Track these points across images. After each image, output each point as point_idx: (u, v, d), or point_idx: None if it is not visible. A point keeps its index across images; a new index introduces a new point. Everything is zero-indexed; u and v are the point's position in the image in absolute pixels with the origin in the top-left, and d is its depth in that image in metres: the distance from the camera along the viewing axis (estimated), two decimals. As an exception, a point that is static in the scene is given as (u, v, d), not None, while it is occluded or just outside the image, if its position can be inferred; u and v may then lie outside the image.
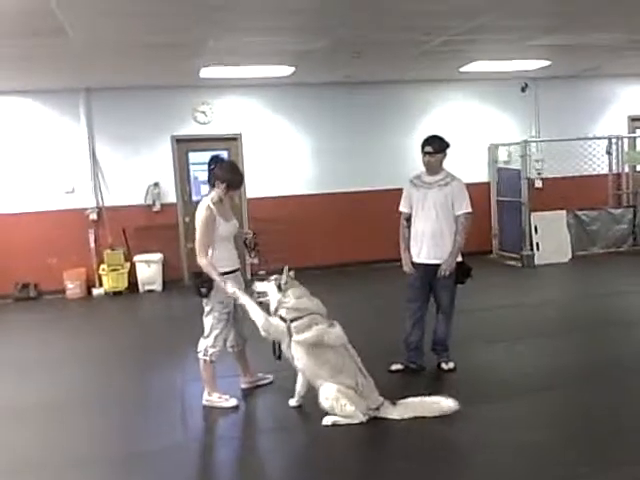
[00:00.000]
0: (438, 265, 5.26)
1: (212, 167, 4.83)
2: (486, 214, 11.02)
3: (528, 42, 7.64)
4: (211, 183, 4.84)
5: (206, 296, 4.72)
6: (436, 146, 5.31)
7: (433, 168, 5.34)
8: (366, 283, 9.49)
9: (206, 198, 4.82)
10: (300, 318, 4.52)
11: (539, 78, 10.77)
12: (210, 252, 4.72)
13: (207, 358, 4.82)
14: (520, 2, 5.72)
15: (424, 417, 4.37)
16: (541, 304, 7.77)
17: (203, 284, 4.69)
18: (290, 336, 4.50)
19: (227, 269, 4.78)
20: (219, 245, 4.76)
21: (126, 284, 9.52)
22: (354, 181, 10.51)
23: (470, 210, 5.30)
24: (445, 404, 4.43)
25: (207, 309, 4.80)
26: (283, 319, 4.54)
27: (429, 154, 5.31)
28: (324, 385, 4.43)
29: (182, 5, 5.31)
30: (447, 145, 5.36)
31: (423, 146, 5.36)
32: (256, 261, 5.19)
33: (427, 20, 6.23)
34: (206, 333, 4.82)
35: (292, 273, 4.76)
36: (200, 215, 4.71)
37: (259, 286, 4.75)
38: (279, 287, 4.63)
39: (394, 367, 5.46)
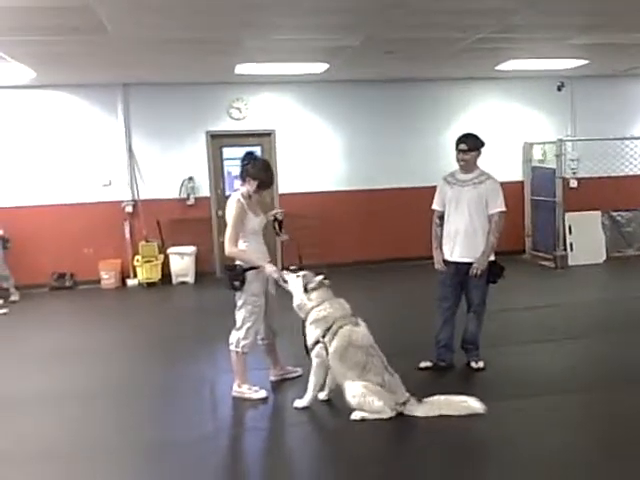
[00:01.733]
0: (470, 264, 5.26)
1: (246, 163, 4.92)
2: (519, 213, 10.92)
3: (566, 41, 7.54)
4: (242, 178, 4.93)
5: (239, 289, 4.80)
6: (470, 144, 5.29)
7: (467, 166, 5.32)
8: (397, 280, 9.49)
9: (236, 193, 4.93)
10: (328, 330, 4.57)
11: (575, 77, 10.62)
12: (241, 245, 4.80)
13: (239, 350, 4.90)
14: (556, 1, 5.66)
15: (449, 416, 4.39)
16: (574, 305, 7.69)
17: (236, 277, 4.77)
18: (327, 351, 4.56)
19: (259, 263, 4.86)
20: (249, 239, 4.86)
21: (159, 275, 9.69)
22: (386, 178, 10.52)
23: (504, 209, 5.28)
24: (473, 404, 4.43)
25: (240, 302, 4.87)
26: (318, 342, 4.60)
27: (463, 152, 5.29)
28: (350, 383, 4.47)
29: (217, 2, 5.38)
30: (482, 143, 5.34)
31: (457, 144, 5.34)
32: (286, 237, 5.22)
33: (462, 18, 6.18)
34: (238, 325, 4.90)
35: (328, 282, 4.82)
36: (231, 208, 4.81)
37: (289, 280, 4.80)
38: (305, 288, 4.69)
39: (423, 364, 5.47)
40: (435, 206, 5.52)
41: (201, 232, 10.06)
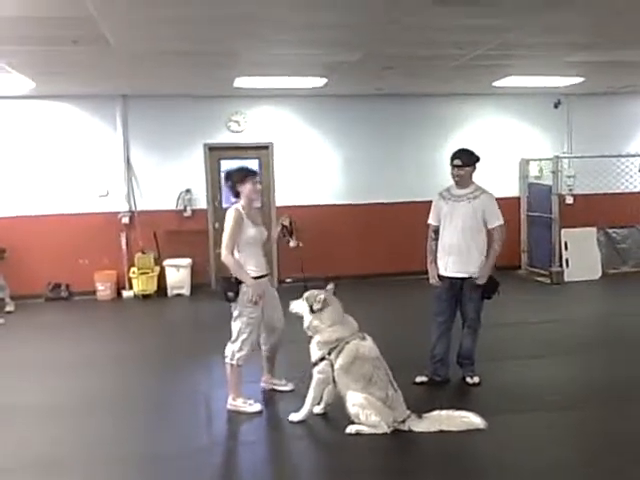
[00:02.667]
0: (464, 279, 5.29)
1: (230, 179, 5.03)
2: (516, 229, 10.93)
3: (562, 58, 7.61)
4: (235, 194, 5.01)
5: (234, 300, 4.80)
6: (465, 159, 5.33)
7: (462, 181, 5.35)
8: (393, 295, 9.49)
9: (236, 204, 4.98)
10: (335, 347, 4.57)
11: (572, 94, 10.70)
12: (237, 255, 4.81)
13: (234, 362, 4.89)
14: (551, 19, 5.71)
15: (450, 431, 4.38)
16: (569, 321, 7.71)
17: (230, 288, 4.77)
18: (332, 367, 4.56)
19: (256, 274, 4.87)
20: (248, 250, 4.87)
21: (155, 287, 9.67)
22: (384, 193, 10.56)
23: (503, 222, 5.34)
24: (474, 419, 4.43)
25: (235, 314, 4.87)
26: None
27: (458, 167, 5.32)
28: (352, 393, 4.47)
29: (216, 15, 5.42)
30: (477, 158, 5.37)
31: (452, 159, 5.39)
32: (293, 244, 5.32)
33: (459, 35, 6.23)
34: (233, 337, 4.89)
35: (331, 286, 4.85)
36: (229, 216, 4.86)
37: (294, 305, 4.80)
38: (311, 309, 4.68)
39: (419, 379, 5.47)
40: (430, 221, 5.56)
41: (197, 244, 10.05)
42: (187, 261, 9.86)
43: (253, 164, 10.46)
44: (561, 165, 10.33)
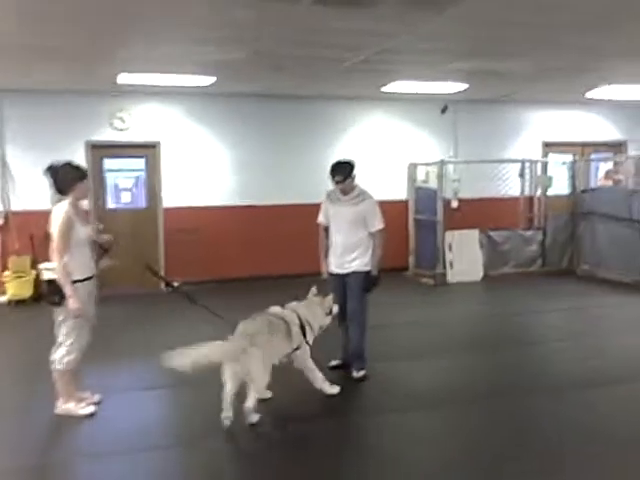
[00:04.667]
0: (348, 274, 5.57)
1: (56, 176, 4.75)
2: (404, 232, 11.20)
3: (445, 65, 7.82)
4: (62, 190, 4.74)
5: (59, 304, 4.61)
6: (345, 173, 5.53)
7: (345, 191, 5.59)
8: (285, 295, 9.38)
9: (61, 204, 4.71)
10: None
11: (458, 101, 11.05)
12: (66, 258, 4.60)
13: (61, 367, 4.73)
14: (428, 27, 5.84)
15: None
16: (448, 322, 7.92)
17: (55, 292, 4.59)
18: None
19: (82, 276, 4.70)
20: (76, 250, 4.66)
21: (31, 292, 9.13)
22: (274, 194, 10.48)
23: (382, 226, 5.62)
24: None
25: (60, 318, 4.69)
26: None
27: (339, 182, 5.54)
28: None
29: (93, 9, 5.17)
30: (352, 167, 5.56)
31: (332, 175, 5.58)
32: (107, 264, 5.16)
33: (341, 38, 6.28)
34: (60, 342, 4.73)
35: (314, 289, 5.21)
36: (58, 219, 4.61)
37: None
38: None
39: (333, 363, 5.81)
40: (320, 219, 5.84)
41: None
42: (67, 264, 9.35)
43: (139, 163, 10.16)
44: (446, 169, 10.63)
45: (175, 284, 5.40)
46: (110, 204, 10.17)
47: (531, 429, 4.58)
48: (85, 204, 5.31)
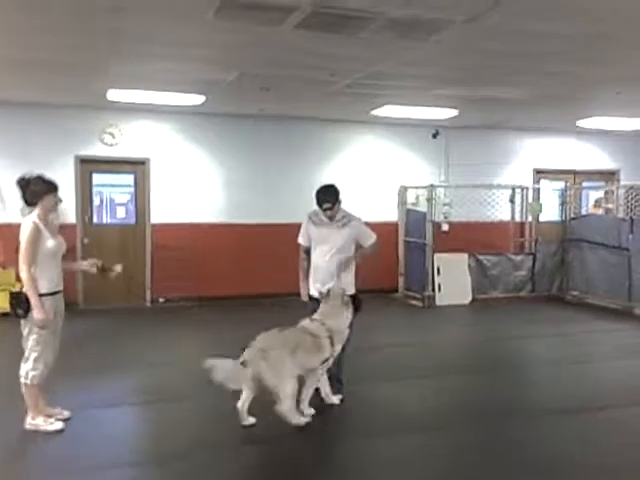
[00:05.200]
0: None
1: (26, 188, 4.70)
2: (394, 253, 11.18)
3: (431, 91, 7.86)
4: (31, 202, 4.70)
5: (24, 317, 4.55)
6: (333, 199, 5.36)
7: (333, 216, 5.41)
8: (275, 313, 9.32)
9: (30, 215, 4.68)
10: None
11: (450, 127, 11.10)
12: (33, 270, 4.55)
13: (28, 382, 4.68)
14: (415, 53, 5.87)
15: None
16: (435, 345, 7.87)
17: (20, 305, 4.52)
18: None
19: (49, 290, 4.65)
20: (44, 263, 4.63)
21: (16, 306, 9.06)
22: (262, 213, 10.47)
23: (375, 236, 5.52)
24: None
25: (25, 331, 4.63)
26: None
27: (329, 209, 5.35)
28: None
29: (82, 26, 5.21)
30: (338, 191, 5.42)
31: (321, 202, 5.38)
32: (115, 272, 5.23)
33: (329, 62, 6.32)
34: (26, 355, 4.67)
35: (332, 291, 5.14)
36: (26, 230, 4.58)
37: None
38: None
39: None
40: (301, 241, 5.65)
41: (65, 260, 9.51)
42: (53, 278, 9.31)
43: (128, 179, 10.16)
44: (436, 193, 10.65)
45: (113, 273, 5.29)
46: (95, 219, 10.11)
47: (506, 455, 4.51)
48: (56, 218, 5.27)
